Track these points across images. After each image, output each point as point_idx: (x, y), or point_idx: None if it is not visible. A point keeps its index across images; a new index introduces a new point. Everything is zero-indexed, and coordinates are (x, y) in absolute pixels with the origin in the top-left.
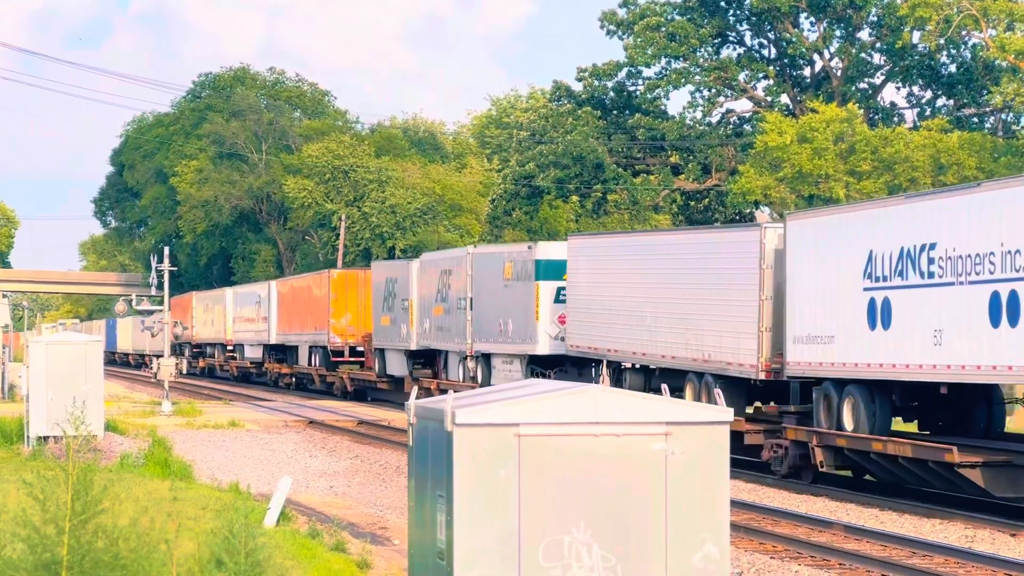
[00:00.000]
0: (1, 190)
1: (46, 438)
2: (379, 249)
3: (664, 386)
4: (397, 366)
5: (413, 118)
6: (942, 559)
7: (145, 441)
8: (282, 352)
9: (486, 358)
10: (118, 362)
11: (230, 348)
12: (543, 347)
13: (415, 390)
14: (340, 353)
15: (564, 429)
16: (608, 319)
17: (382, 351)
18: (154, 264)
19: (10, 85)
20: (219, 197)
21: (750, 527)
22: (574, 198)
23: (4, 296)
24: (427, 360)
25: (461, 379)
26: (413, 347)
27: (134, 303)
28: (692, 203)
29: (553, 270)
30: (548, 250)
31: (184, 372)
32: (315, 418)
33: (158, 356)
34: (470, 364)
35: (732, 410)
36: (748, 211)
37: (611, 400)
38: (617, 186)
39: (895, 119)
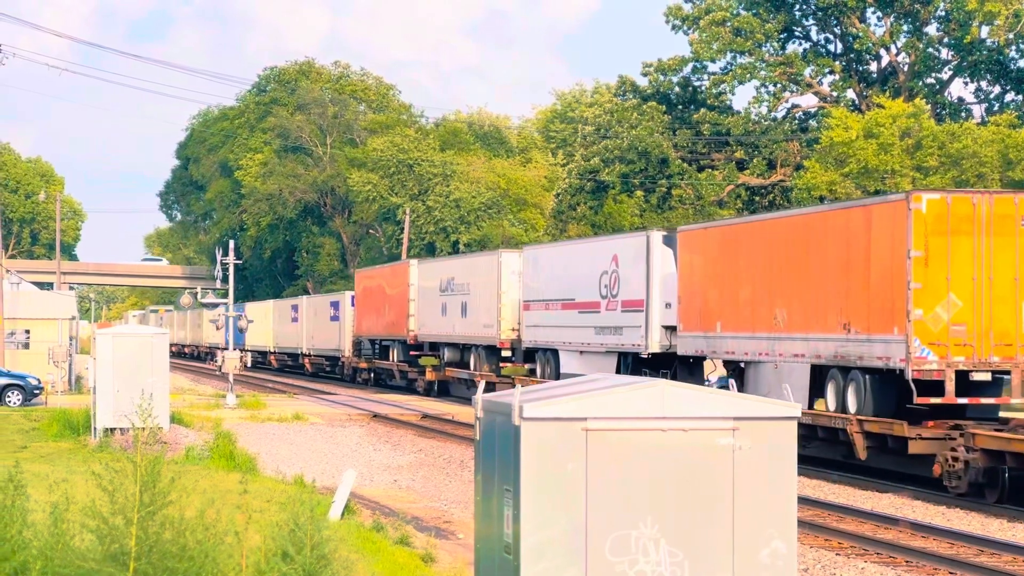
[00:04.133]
0: (68, 183)
1: (112, 430)
2: (443, 243)
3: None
4: None
5: (478, 112)
6: (1010, 557)
7: (210, 434)
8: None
9: None
10: (247, 364)
11: (507, 353)
12: None
13: (483, 383)
14: (935, 387)
15: (632, 423)
16: None
17: None
18: (219, 257)
19: (76, 79)
20: (283, 190)
21: (816, 523)
22: (639, 193)
23: (71, 288)
24: None
25: None
26: None
27: (199, 296)
28: (757, 198)
29: None
30: None
31: (249, 365)
32: (379, 412)
33: (330, 358)
34: None
35: (800, 406)
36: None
37: (679, 394)
38: (682, 181)
39: (963, 114)
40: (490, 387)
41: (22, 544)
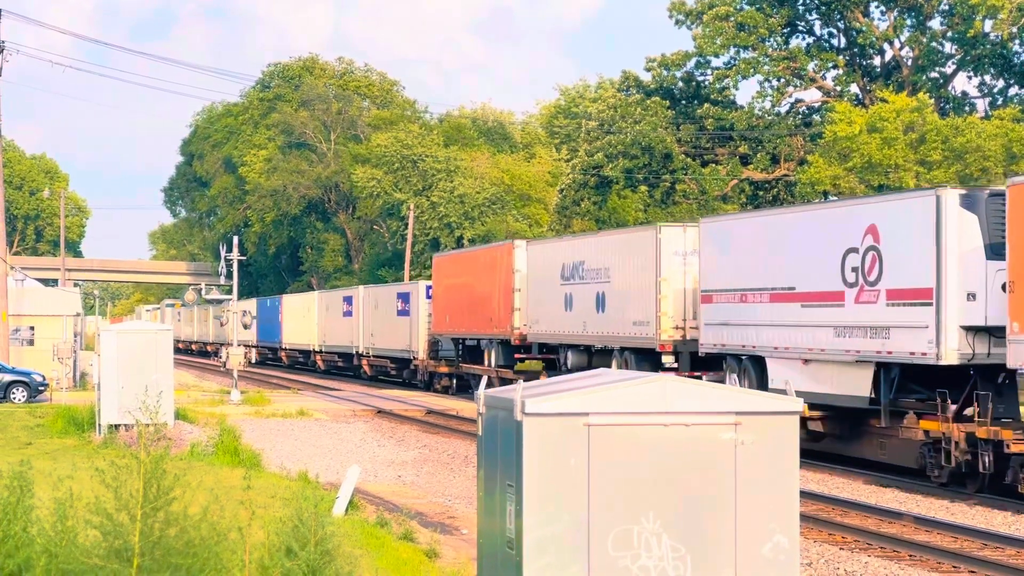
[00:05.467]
0: (73, 180)
1: (117, 426)
2: (447, 239)
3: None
4: None
5: (482, 108)
6: (1014, 551)
7: (214, 430)
8: None
9: None
10: (285, 363)
11: (669, 359)
12: None
13: (484, 380)
14: None
15: (634, 419)
16: None
17: None
18: (223, 253)
19: (80, 76)
20: (288, 187)
21: (819, 518)
22: (642, 188)
23: (76, 285)
24: None
25: None
26: None
27: (203, 292)
28: (760, 193)
29: None
30: None
31: (252, 362)
32: (383, 407)
33: (397, 360)
34: None
35: (801, 400)
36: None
37: (681, 389)
38: (686, 176)
39: (966, 108)
40: None
41: (27, 541)
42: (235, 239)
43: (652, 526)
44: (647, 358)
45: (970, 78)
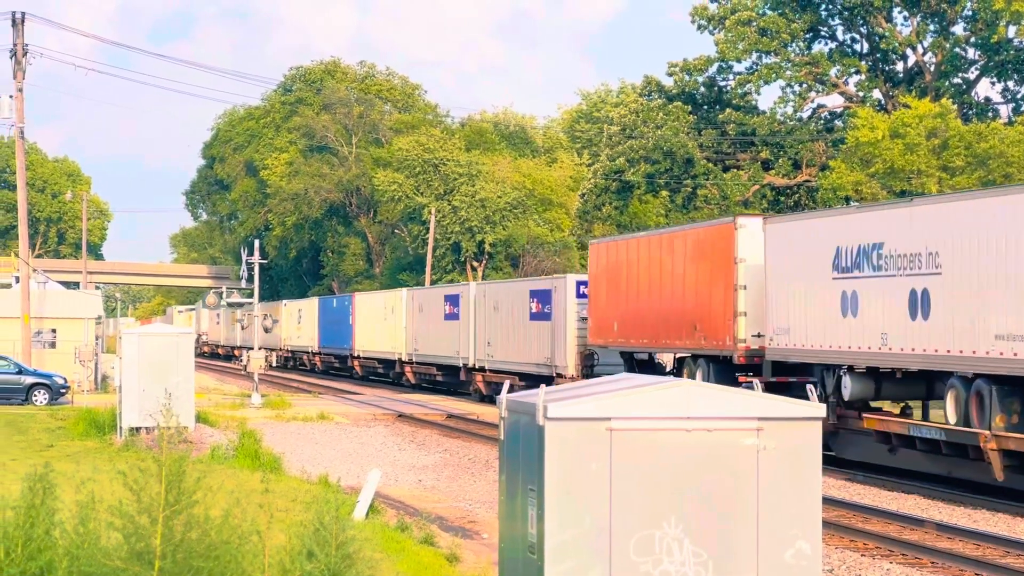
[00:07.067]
0: (95, 183)
1: (138, 429)
2: (468, 243)
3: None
4: None
5: (503, 112)
6: None
7: (235, 433)
8: None
9: None
10: (358, 374)
11: None
12: None
13: (507, 384)
14: None
15: (656, 423)
16: None
17: None
18: (244, 257)
19: (102, 79)
20: (309, 190)
21: (841, 524)
22: (664, 193)
23: (97, 288)
24: None
25: None
26: None
27: (224, 296)
28: (782, 199)
29: None
30: None
31: (273, 365)
32: (404, 411)
33: (527, 376)
34: None
35: (824, 406)
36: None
37: (703, 394)
38: (707, 181)
39: (989, 114)
40: None
41: (49, 543)
42: (256, 242)
43: (674, 531)
44: (1018, 391)
45: (993, 84)
